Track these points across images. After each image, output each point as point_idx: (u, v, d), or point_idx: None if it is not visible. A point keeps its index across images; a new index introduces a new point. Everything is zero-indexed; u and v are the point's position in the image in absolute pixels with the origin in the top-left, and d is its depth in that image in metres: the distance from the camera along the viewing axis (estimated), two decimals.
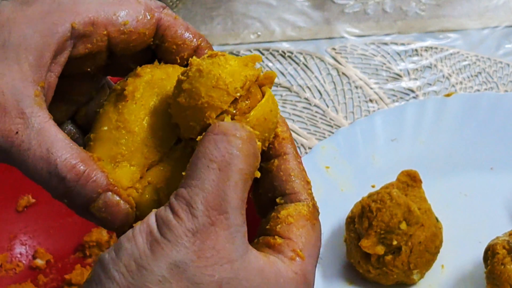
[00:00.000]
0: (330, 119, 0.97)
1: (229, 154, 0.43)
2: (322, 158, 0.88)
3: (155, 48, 0.51)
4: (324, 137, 0.94)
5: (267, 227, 0.46)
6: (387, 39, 1.05)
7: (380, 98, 0.99)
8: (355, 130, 0.90)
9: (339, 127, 0.95)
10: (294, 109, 0.98)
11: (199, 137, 0.44)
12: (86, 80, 0.51)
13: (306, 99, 0.99)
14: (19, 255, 0.82)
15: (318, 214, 0.47)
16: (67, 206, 0.46)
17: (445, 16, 1.07)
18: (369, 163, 0.88)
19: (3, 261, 0.81)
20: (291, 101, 0.99)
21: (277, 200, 0.47)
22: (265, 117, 0.46)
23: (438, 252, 0.79)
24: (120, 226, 0.46)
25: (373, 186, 0.85)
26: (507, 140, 0.89)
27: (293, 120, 0.97)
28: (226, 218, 0.42)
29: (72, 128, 0.53)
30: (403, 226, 0.76)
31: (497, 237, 0.75)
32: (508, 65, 1.01)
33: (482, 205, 0.85)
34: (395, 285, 0.80)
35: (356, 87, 1.00)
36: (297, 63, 1.02)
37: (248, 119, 0.45)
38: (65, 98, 0.51)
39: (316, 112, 0.98)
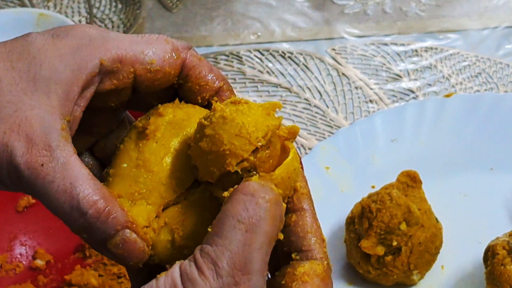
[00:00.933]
0: (330, 119, 0.97)
1: (256, 216, 0.44)
2: (322, 159, 0.88)
3: (178, 87, 0.51)
4: (324, 138, 0.94)
5: (283, 282, 0.47)
6: (387, 39, 1.05)
7: (380, 98, 0.99)
8: (355, 131, 0.90)
9: (339, 127, 0.95)
10: (294, 110, 0.98)
11: (225, 193, 0.45)
12: (107, 113, 0.52)
13: (306, 99, 1.00)
14: (19, 256, 0.82)
15: (331, 273, 0.48)
16: (84, 241, 0.47)
17: (445, 17, 1.07)
18: (369, 164, 0.88)
19: (3, 262, 0.81)
20: (291, 101, 0.99)
21: (293, 255, 0.48)
22: (289, 175, 0.47)
23: (438, 252, 0.79)
24: (135, 263, 0.46)
25: (373, 187, 0.85)
26: (507, 141, 0.89)
27: (293, 121, 0.97)
28: (249, 280, 0.43)
29: (89, 160, 0.53)
30: (403, 226, 0.76)
31: (497, 238, 0.75)
32: (508, 65, 1.01)
33: (482, 205, 0.85)
34: (395, 286, 0.80)
35: (356, 88, 1.00)
36: (297, 64, 1.03)
37: (273, 177, 0.46)
38: (86, 130, 0.51)
39: (316, 112, 0.98)
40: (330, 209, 0.83)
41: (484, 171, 0.88)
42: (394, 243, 0.76)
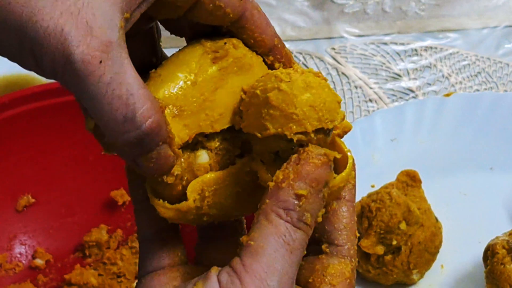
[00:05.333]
0: None
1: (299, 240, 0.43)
2: None
3: (226, 31, 0.48)
4: None
5: (310, 280, 0.46)
6: (387, 39, 1.05)
7: (380, 98, 0.99)
8: (355, 130, 0.90)
9: None
10: None
11: (270, 182, 0.43)
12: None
13: None
14: (18, 255, 0.82)
15: (355, 268, 0.48)
16: (118, 153, 0.43)
17: (445, 16, 1.07)
18: (368, 163, 0.88)
19: (2, 261, 0.81)
20: None
21: (323, 247, 0.47)
22: (344, 183, 0.45)
23: (438, 252, 0.79)
24: (157, 175, 0.43)
25: (372, 186, 0.85)
26: (507, 140, 0.89)
27: None
28: None
29: None
30: (403, 226, 0.76)
31: (497, 237, 0.76)
32: (508, 65, 1.01)
33: (481, 205, 0.85)
34: (394, 285, 0.80)
35: (356, 87, 1.00)
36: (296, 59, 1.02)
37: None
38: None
39: None
40: None
41: (484, 171, 0.88)
42: (394, 243, 0.76)
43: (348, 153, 0.47)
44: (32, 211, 0.83)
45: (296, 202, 0.42)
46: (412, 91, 1.00)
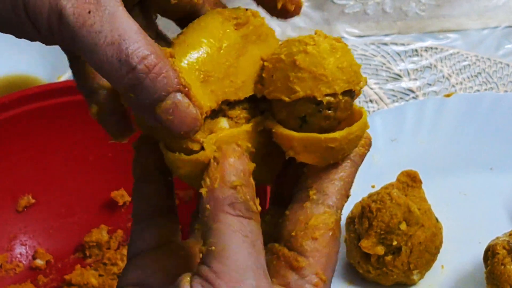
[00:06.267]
0: None
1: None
2: None
3: None
4: None
5: (292, 234, 0.45)
6: (387, 39, 1.05)
7: (380, 98, 0.99)
8: None
9: None
10: None
11: (289, 151, 0.43)
12: None
13: None
14: (19, 256, 0.82)
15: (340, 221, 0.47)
16: (132, 106, 0.43)
17: (445, 16, 1.07)
18: (369, 163, 0.88)
19: (3, 262, 0.81)
20: None
21: (311, 193, 0.46)
22: (359, 133, 0.45)
23: (438, 252, 0.79)
24: (186, 132, 0.42)
25: (373, 187, 0.85)
26: (507, 140, 0.89)
27: None
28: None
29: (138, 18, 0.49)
30: (403, 226, 0.76)
31: (497, 237, 0.75)
32: (508, 65, 1.01)
33: (482, 205, 0.85)
34: (395, 286, 0.80)
35: None
36: None
37: (350, 130, 0.44)
38: None
39: None
40: None
41: (484, 171, 0.88)
42: (394, 243, 0.76)
43: (364, 113, 0.46)
44: (32, 211, 0.83)
45: (236, 193, 0.43)
46: (412, 91, 1.00)
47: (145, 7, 0.49)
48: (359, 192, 0.82)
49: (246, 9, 0.47)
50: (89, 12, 0.40)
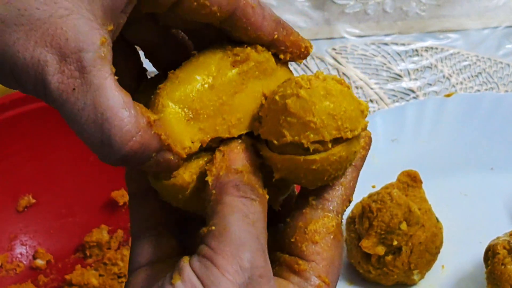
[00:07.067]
0: None
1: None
2: None
3: (220, 27, 0.47)
4: None
5: (292, 240, 0.45)
6: (388, 39, 1.05)
7: (381, 98, 0.99)
8: None
9: None
10: None
11: (274, 154, 0.43)
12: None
13: None
14: (19, 255, 0.82)
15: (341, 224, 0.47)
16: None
17: (445, 16, 1.07)
18: (369, 163, 0.87)
19: (3, 262, 0.81)
20: None
21: (310, 199, 0.46)
22: (339, 156, 0.44)
23: (439, 252, 0.79)
24: (165, 174, 0.44)
25: (373, 187, 0.85)
26: (507, 140, 0.89)
27: None
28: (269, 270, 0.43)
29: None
30: (404, 226, 0.76)
31: (498, 237, 0.75)
32: (509, 65, 1.01)
33: (482, 205, 0.85)
34: (395, 286, 0.80)
35: (357, 87, 1.00)
36: (297, 64, 1.02)
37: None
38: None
39: None
40: None
41: (485, 171, 0.88)
42: (395, 243, 0.76)
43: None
44: (32, 211, 0.83)
45: (241, 176, 0.43)
46: (412, 91, 1.00)
47: (158, 18, 0.48)
48: (359, 192, 0.82)
49: (246, 46, 0.46)
50: (74, 89, 0.39)
